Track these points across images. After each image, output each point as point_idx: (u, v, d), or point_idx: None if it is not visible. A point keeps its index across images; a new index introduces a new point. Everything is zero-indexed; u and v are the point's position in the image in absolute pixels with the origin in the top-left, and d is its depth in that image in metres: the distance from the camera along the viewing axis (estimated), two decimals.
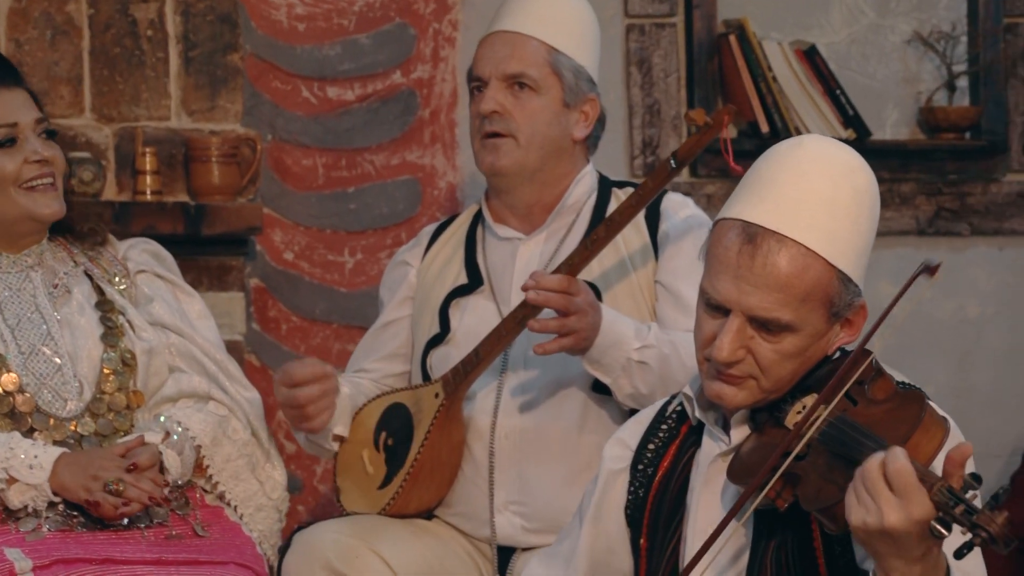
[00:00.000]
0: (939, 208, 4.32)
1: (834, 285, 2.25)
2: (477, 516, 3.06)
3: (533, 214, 3.12)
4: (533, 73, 3.03)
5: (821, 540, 2.25)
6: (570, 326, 2.82)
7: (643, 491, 2.45)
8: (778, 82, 4.14)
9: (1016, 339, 4.41)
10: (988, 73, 4.33)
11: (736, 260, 2.25)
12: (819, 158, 2.28)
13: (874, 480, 1.99)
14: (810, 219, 2.24)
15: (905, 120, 4.36)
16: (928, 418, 2.11)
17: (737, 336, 2.26)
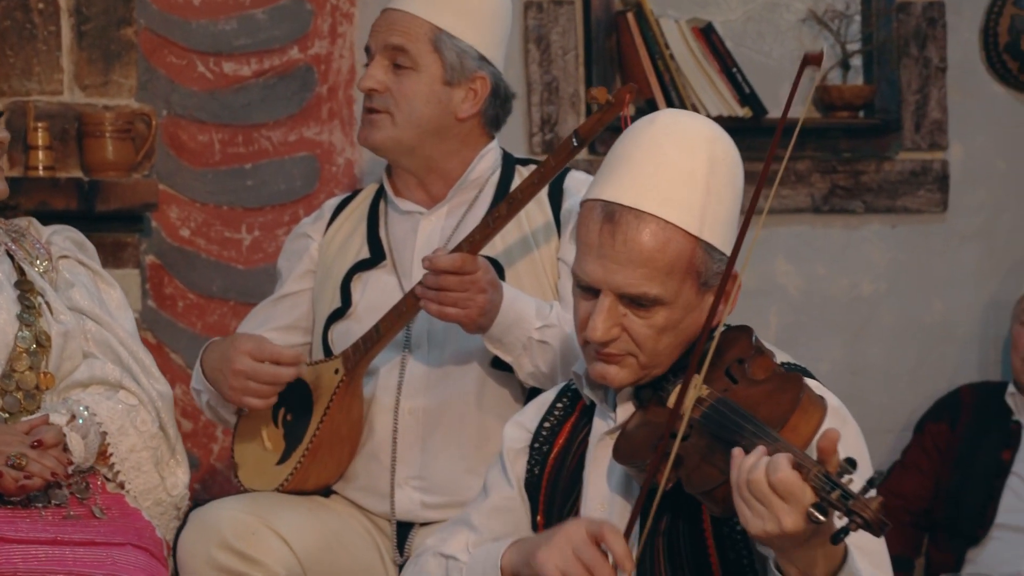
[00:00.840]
0: (833, 186, 4.36)
1: (698, 255, 2.27)
2: (377, 492, 3.06)
3: (433, 188, 3.12)
4: (412, 49, 3.03)
5: (710, 521, 2.28)
6: (455, 299, 2.83)
7: (538, 468, 2.47)
8: (675, 60, 4.16)
9: (908, 316, 4.46)
10: (881, 52, 4.37)
11: (598, 240, 2.28)
12: (673, 131, 2.31)
13: (764, 492, 2.01)
14: (667, 192, 2.26)
15: (800, 98, 4.38)
16: (806, 400, 2.14)
17: (609, 315, 2.28)
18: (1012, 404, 4.20)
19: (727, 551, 2.27)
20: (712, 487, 2.13)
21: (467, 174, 3.09)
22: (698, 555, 2.28)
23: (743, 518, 2.05)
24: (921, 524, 4.20)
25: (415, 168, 3.11)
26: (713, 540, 2.28)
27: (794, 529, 2.00)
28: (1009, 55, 4.46)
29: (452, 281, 2.83)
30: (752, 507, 2.03)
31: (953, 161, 4.44)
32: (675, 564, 2.29)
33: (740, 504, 2.05)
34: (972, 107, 4.46)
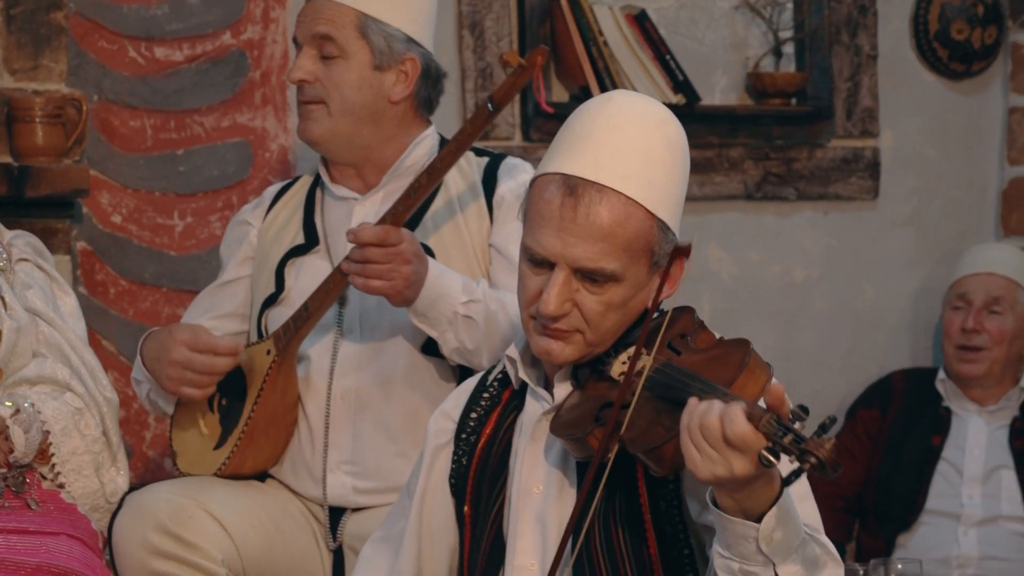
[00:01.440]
0: (766, 173, 4.38)
1: (655, 233, 2.29)
2: (310, 476, 3.07)
3: (369, 175, 3.12)
4: (339, 37, 3.03)
5: (647, 494, 2.29)
6: (379, 272, 2.83)
7: (466, 459, 2.47)
8: (609, 47, 4.16)
9: (839, 302, 4.49)
10: (813, 40, 4.39)
11: (559, 213, 2.28)
12: (630, 111, 2.33)
13: (716, 440, 2.04)
14: (628, 169, 2.28)
15: (733, 86, 4.41)
16: (753, 362, 2.16)
17: (563, 289, 2.28)
18: (942, 390, 4.23)
19: (664, 525, 2.29)
20: (657, 444, 2.14)
21: (402, 160, 3.09)
22: (634, 528, 2.29)
23: (692, 462, 2.07)
24: (852, 509, 4.23)
25: (353, 159, 3.11)
26: (650, 513, 2.29)
27: (744, 473, 2.04)
28: (939, 43, 4.49)
29: (376, 253, 2.84)
30: (703, 451, 2.05)
31: (884, 148, 4.47)
32: (611, 538, 2.30)
33: (690, 449, 2.07)
34: (903, 95, 4.49)
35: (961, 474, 4.09)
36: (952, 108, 4.55)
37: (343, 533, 3.07)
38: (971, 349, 4.15)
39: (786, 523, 2.09)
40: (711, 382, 2.13)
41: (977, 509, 4.04)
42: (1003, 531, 4.01)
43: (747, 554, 2.10)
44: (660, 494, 2.28)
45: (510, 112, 4.15)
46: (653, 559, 2.29)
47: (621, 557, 2.29)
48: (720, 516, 2.10)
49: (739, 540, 2.09)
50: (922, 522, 4.07)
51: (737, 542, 2.10)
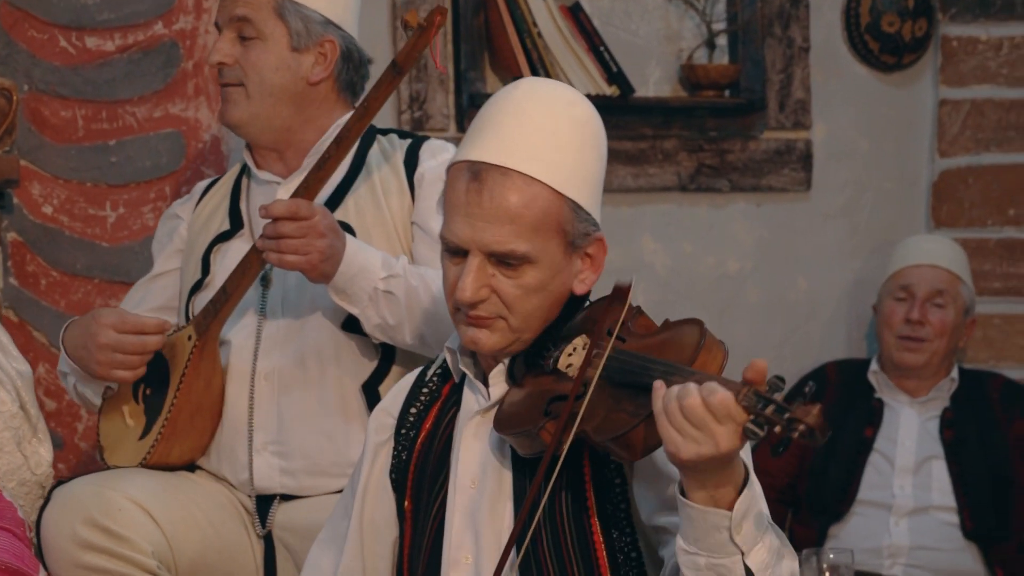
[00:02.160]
0: (700, 164, 4.39)
1: (564, 213, 2.29)
2: (237, 460, 3.06)
3: (291, 158, 3.13)
4: (256, 19, 3.04)
5: (594, 497, 2.29)
6: (294, 246, 2.82)
7: (406, 454, 2.47)
8: (543, 38, 4.16)
9: (772, 293, 4.51)
10: (746, 32, 4.41)
11: (465, 199, 2.29)
12: (536, 95, 2.34)
13: (700, 416, 2.02)
14: (532, 150, 2.28)
15: (667, 77, 4.41)
16: (709, 340, 2.16)
17: (478, 275, 2.29)
18: (874, 382, 4.25)
19: (611, 529, 2.29)
20: (625, 430, 2.13)
21: (322, 142, 3.10)
22: (582, 532, 2.30)
23: (673, 444, 2.05)
24: (785, 500, 4.25)
25: (274, 142, 3.12)
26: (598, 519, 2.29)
27: (729, 448, 2.02)
28: (870, 36, 4.51)
29: (290, 227, 2.83)
30: (685, 432, 2.04)
31: (816, 140, 4.49)
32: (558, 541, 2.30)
33: (670, 431, 2.05)
34: (835, 87, 4.52)
35: (893, 465, 4.12)
36: (883, 100, 4.58)
37: (273, 522, 3.06)
38: (914, 340, 4.17)
39: (753, 510, 2.09)
40: (672, 363, 2.12)
41: (908, 499, 4.07)
42: (934, 521, 4.04)
43: (717, 546, 2.08)
44: (607, 497, 2.28)
45: (444, 103, 4.15)
46: (601, 562, 2.29)
47: (569, 560, 2.29)
48: (691, 508, 2.08)
49: (710, 531, 2.08)
50: (854, 512, 4.09)
51: (707, 534, 2.08)
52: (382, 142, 3.14)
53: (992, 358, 4.52)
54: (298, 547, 3.00)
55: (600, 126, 2.37)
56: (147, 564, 2.90)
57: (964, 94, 4.55)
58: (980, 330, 4.44)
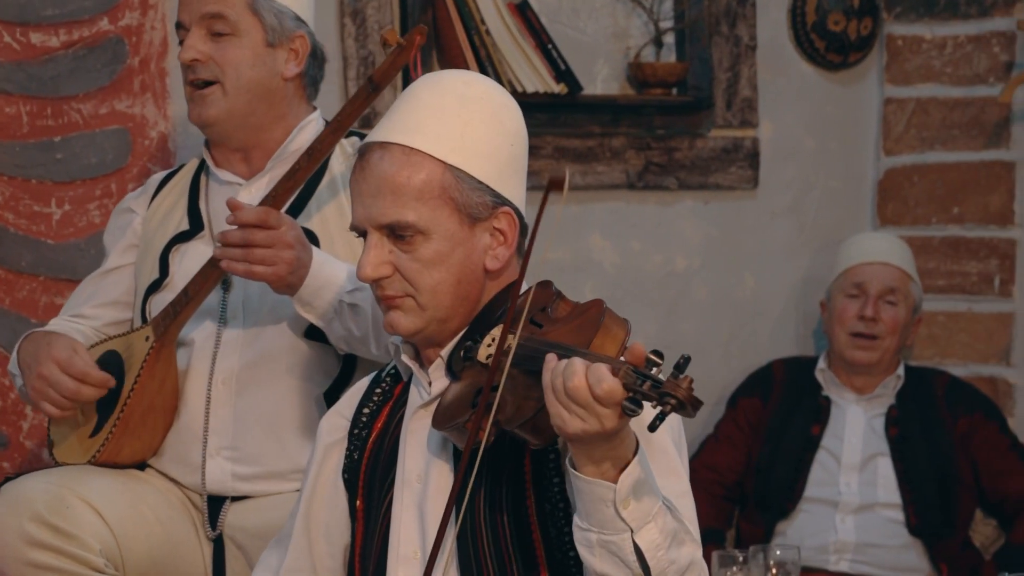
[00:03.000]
0: (648, 162, 4.40)
1: (449, 181, 2.30)
2: (189, 462, 3.05)
3: (255, 159, 3.11)
4: (230, 14, 3.02)
5: (533, 494, 2.29)
6: (262, 256, 2.81)
7: (357, 454, 2.47)
8: (491, 35, 4.16)
9: (719, 291, 4.52)
10: (693, 30, 4.42)
11: (356, 180, 2.34)
12: (431, 79, 2.39)
13: (585, 399, 2.05)
14: (413, 125, 2.32)
15: (615, 75, 4.42)
16: (608, 320, 2.18)
17: (376, 252, 2.32)
18: (821, 379, 4.27)
19: (549, 528, 2.29)
20: (531, 416, 2.15)
21: (287, 144, 3.09)
22: (521, 527, 2.30)
23: (560, 419, 2.08)
24: (732, 497, 4.26)
25: (243, 140, 3.10)
26: (536, 516, 2.30)
27: (614, 427, 2.05)
28: (816, 34, 4.53)
29: (259, 236, 2.82)
30: (571, 409, 2.06)
31: (763, 139, 4.51)
32: (497, 536, 2.31)
33: (556, 407, 2.08)
34: (781, 85, 4.53)
35: (839, 462, 4.14)
36: (829, 99, 4.60)
37: (223, 523, 3.05)
38: (867, 337, 4.19)
39: (642, 487, 2.11)
40: (572, 347, 2.14)
41: (854, 496, 4.09)
42: (879, 518, 4.07)
43: (605, 520, 2.10)
44: (546, 495, 2.29)
45: (391, 99, 4.13)
46: (539, 558, 2.29)
47: (508, 556, 2.30)
48: (578, 479, 2.11)
49: (597, 505, 2.10)
50: (801, 509, 4.11)
51: (595, 507, 2.10)
52: (343, 145, 3.12)
53: (936, 355, 4.55)
54: (250, 546, 2.99)
55: (502, 105, 2.37)
56: (95, 562, 2.88)
57: (909, 93, 4.58)
58: (925, 328, 4.46)
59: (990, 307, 4.53)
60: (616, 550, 2.12)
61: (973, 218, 4.54)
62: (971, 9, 4.52)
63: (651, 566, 2.11)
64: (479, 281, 2.35)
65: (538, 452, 2.28)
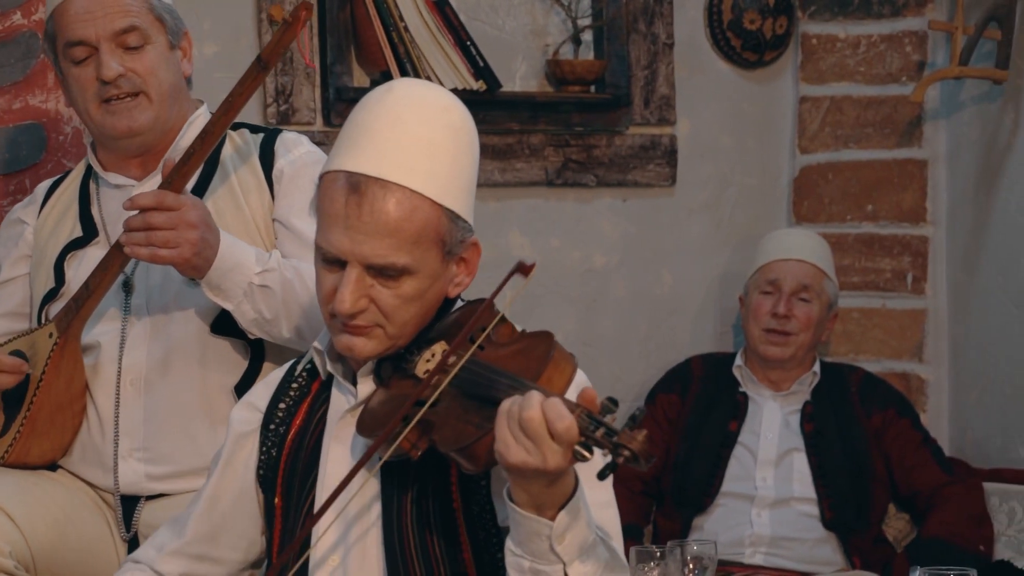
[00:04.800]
0: (567, 159, 4.41)
1: (444, 224, 2.29)
2: (101, 464, 3.02)
3: (150, 160, 3.09)
4: (142, 24, 3.01)
5: (460, 499, 2.30)
6: (165, 238, 2.79)
7: (276, 451, 2.45)
8: (410, 33, 4.16)
9: (638, 288, 4.54)
10: (611, 28, 4.43)
11: (344, 211, 2.27)
12: (412, 101, 2.32)
13: (537, 431, 2.02)
14: (411, 162, 2.27)
15: (533, 72, 4.43)
16: (557, 354, 2.17)
17: (357, 286, 2.27)
18: (739, 376, 4.30)
19: (477, 531, 2.29)
20: (469, 442, 2.13)
21: (177, 142, 3.08)
22: (449, 534, 2.30)
23: (504, 445, 2.05)
24: (650, 493, 4.28)
25: (153, 144, 3.08)
26: (464, 521, 2.30)
27: (556, 466, 2.03)
28: (732, 33, 4.56)
29: (160, 218, 2.79)
30: (519, 440, 2.04)
31: (681, 136, 4.53)
32: (425, 544, 2.31)
33: (504, 432, 2.05)
34: (698, 83, 4.56)
35: (755, 458, 4.16)
36: (746, 97, 4.63)
37: (138, 522, 3.03)
38: (780, 333, 4.22)
39: (577, 522, 2.10)
40: (518, 377, 2.13)
41: (770, 491, 4.11)
42: (794, 512, 4.10)
43: (539, 552, 2.10)
44: (473, 499, 2.29)
45: (311, 97, 4.12)
46: (467, 564, 2.29)
47: (436, 562, 2.30)
48: (514, 511, 2.10)
49: (532, 537, 2.10)
50: (718, 504, 4.13)
51: (530, 539, 2.10)
52: (235, 139, 3.12)
53: (851, 351, 4.59)
54: None
55: (473, 129, 2.36)
56: (4, 564, 2.85)
57: (823, 91, 4.62)
58: (840, 324, 4.51)
59: (903, 304, 4.58)
60: None
61: (887, 216, 4.59)
62: (884, 9, 4.57)
63: None
64: (437, 306, 2.35)
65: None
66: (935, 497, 4.13)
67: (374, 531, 2.33)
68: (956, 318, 4.51)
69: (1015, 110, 4.25)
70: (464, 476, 2.28)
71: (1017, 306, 4.25)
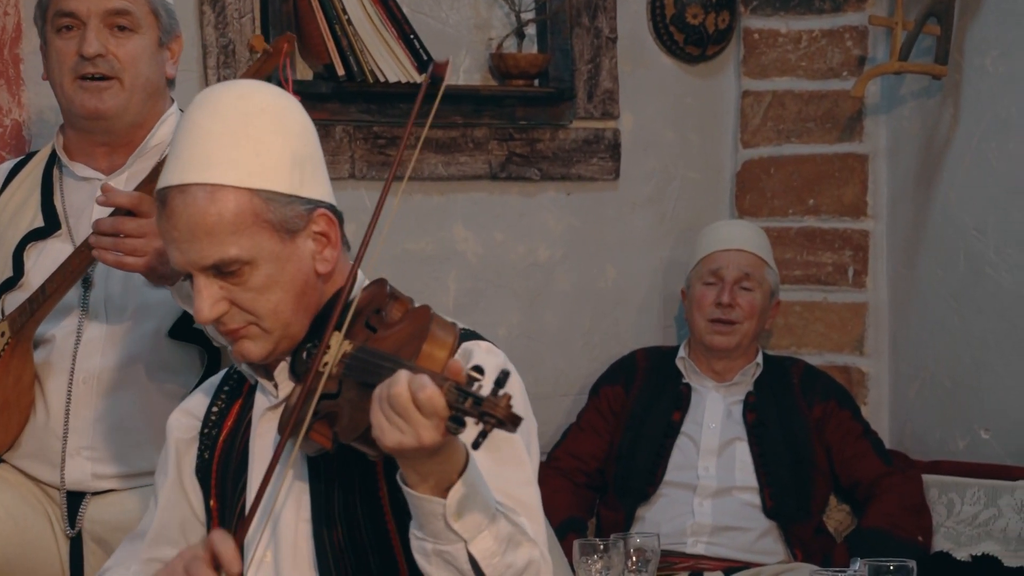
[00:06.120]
0: (510, 153, 4.41)
1: (258, 205, 2.26)
2: (48, 461, 3.00)
3: (116, 154, 3.07)
4: (135, 11, 3.01)
5: (387, 488, 2.30)
6: (133, 246, 2.77)
7: (208, 453, 2.46)
8: (353, 25, 4.14)
9: (582, 281, 4.55)
10: (555, 22, 4.43)
11: (165, 227, 2.28)
12: (201, 102, 2.31)
13: (405, 407, 2.03)
14: (205, 158, 2.26)
15: (477, 66, 4.42)
16: (435, 328, 2.17)
17: (207, 292, 2.28)
18: (682, 367, 4.31)
19: (404, 518, 2.28)
20: (363, 430, 2.14)
21: (148, 139, 3.06)
22: (377, 525, 2.30)
23: (379, 429, 2.06)
24: (594, 484, 4.29)
25: (120, 134, 3.05)
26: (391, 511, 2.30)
27: (431, 443, 2.04)
28: (675, 27, 4.58)
29: (130, 225, 2.77)
30: (391, 420, 2.05)
31: (624, 130, 4.54)
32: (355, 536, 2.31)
33: (378, 416, 2.06)
34: (641, 77, 4.57)
35: (698, 447, 4.18)
36: (688, 91, 4.64)
37: (83, 518, 3.01)
38: (725, 322, 4.24)
39: (474, 498, 2.11)
40: (398, 358, 2.13)
41: (712, 481, 4.13)
42: (736, 501, 4.12)
43: (438, 532, 2.11)
44: (399, 488, 2.28)
45: None
46: (396, 553, 2.30)
47: (365, 553, 2.30)
48: (409, 494, 2.11)
49: (429, 518, 2.10)
50: (660, 494, 4.14)
51: (428, 520, 2.11)
52: None
53: (793, 344, 4.62)
54: (110, 540, 2.95)
55: (283, 107, 2.32)
56: None
57: (765, 86, 4.64)
58: (782, 317, 4.53)
59: (844, 297, 4.61)
60: (451, 559, 2.12)
61: (828, 210, 4.61)
62: (824, 4, 4.59)
63: (487, 573, 2.13)
64: (315, 288, 2.33)
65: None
66: (875, 487, 4.17)
67: (304, 526, 2.33)
68: (896, 312, 4.54)
69: (954, 105, 4.28)
70: (389, 466, 2.28)
71: (956, 299, 4.28)
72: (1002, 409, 4.14)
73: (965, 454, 4.24)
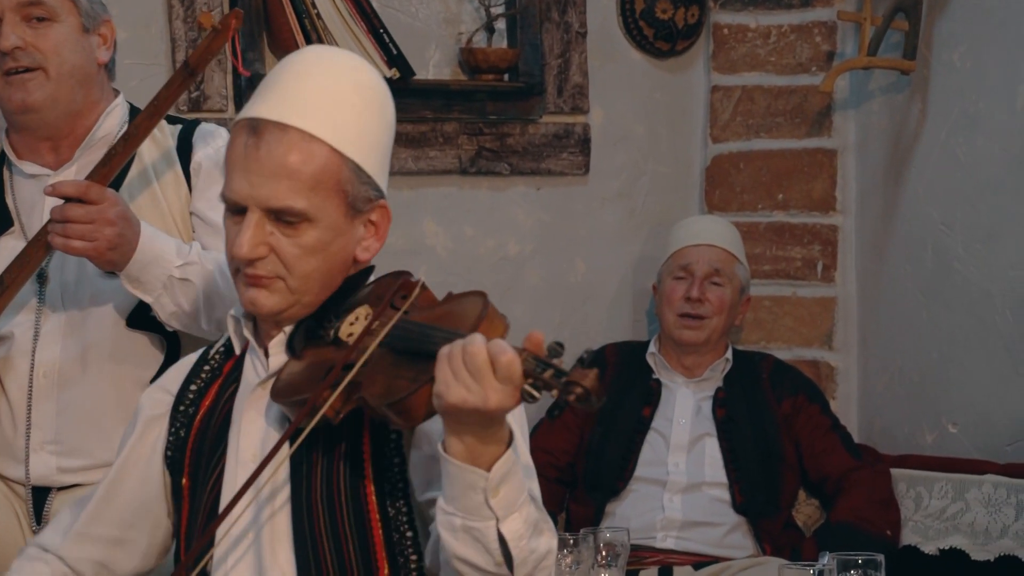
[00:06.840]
0: (480, 148, 4.41)
1: (344, 172, 2.29)
2: (12, 456, 2.99)
3: (62, 148, 3.06)
4: (49, 0, 2.97)
5: (372, 476, 2.29)
6: (81, 231, 2.76)
7: (184, 431, 2.45)
8: (322, 19, 4.14)
9: (551, 275, 4.55)
10: (524, 17, 4.43)
11: (244, 155, 2.28)
12: (320, 58, 2.35)
13: (480, 366, 2.01)
14: (312, 108, 2.28)
15: (447, 61, 4.42)
16: (491, 311, 2.17)
17: (256, 231, 2.28)
18: (652, 363, 4.32)
19: (387, 507, 2.29)
20: (403, 396, 2.11)
21: (94, 131, 3.06)
22: (358, 511, 2.30)
23: (444, 384, 2.03)
24: (565, 479, 4.29)
25: (58, 128, 3.04)
26: (375, 498, 2.30)
27: (498, 406, 2.02)
28: (645, 22, 4.58)
29: (79, 212, 2.77)
30: (459, 376, 2.02)
31: (594, 125, 4.55)
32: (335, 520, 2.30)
33: (445, 371, 2.03)
34: (611, 72, 4.57)
35: (668, 443, 4.19)
36: (658, 86, 4.65)
37: (49, 513, 3.01)
38: (695, 317, 4.25)
39: (512, 477, 2.10)
40: (454, 330, 2.12)
41: (682, 476, 4.14)
42: (705, 496, 4.13)
43: (473, 507, 2.09)
44: (386, 475, 2.29)
45: (223, 83, 4.10)
46: (376, 538, 2.29)
47: (344, 535, 2.30)
48: (450, 463, 2.09)
49: (466, 491, 2.09)
50: (630, 489, 4.15)
51: (464, 493, 2.09)
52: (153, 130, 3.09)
53: (762, 339, 4.63)
54: None
55: (386, 96, 2.37)
56: None
57: (735, 81, 4.65)
58: (751, 312, 4.54)
59: (813, 292, 4.62)
60: (480, 536, 2.10)
61: (797, 205, 4.63)
62: (793, 0, 4.61)
63: (514, 555, 2.11)
64: (345, 270, 2.34)
65: (377, 432, 2.28)
66: (843, 482, 4.18)
67: (284, 509, 2.32)
68: (865, 306, 4.56)
69: (922, 100, 4.30)
70: (378, 452, 2.28)
71: (924, 294, 4.30)
72: (970, 403, 4.16)
73: (933, 448, 4.26)
